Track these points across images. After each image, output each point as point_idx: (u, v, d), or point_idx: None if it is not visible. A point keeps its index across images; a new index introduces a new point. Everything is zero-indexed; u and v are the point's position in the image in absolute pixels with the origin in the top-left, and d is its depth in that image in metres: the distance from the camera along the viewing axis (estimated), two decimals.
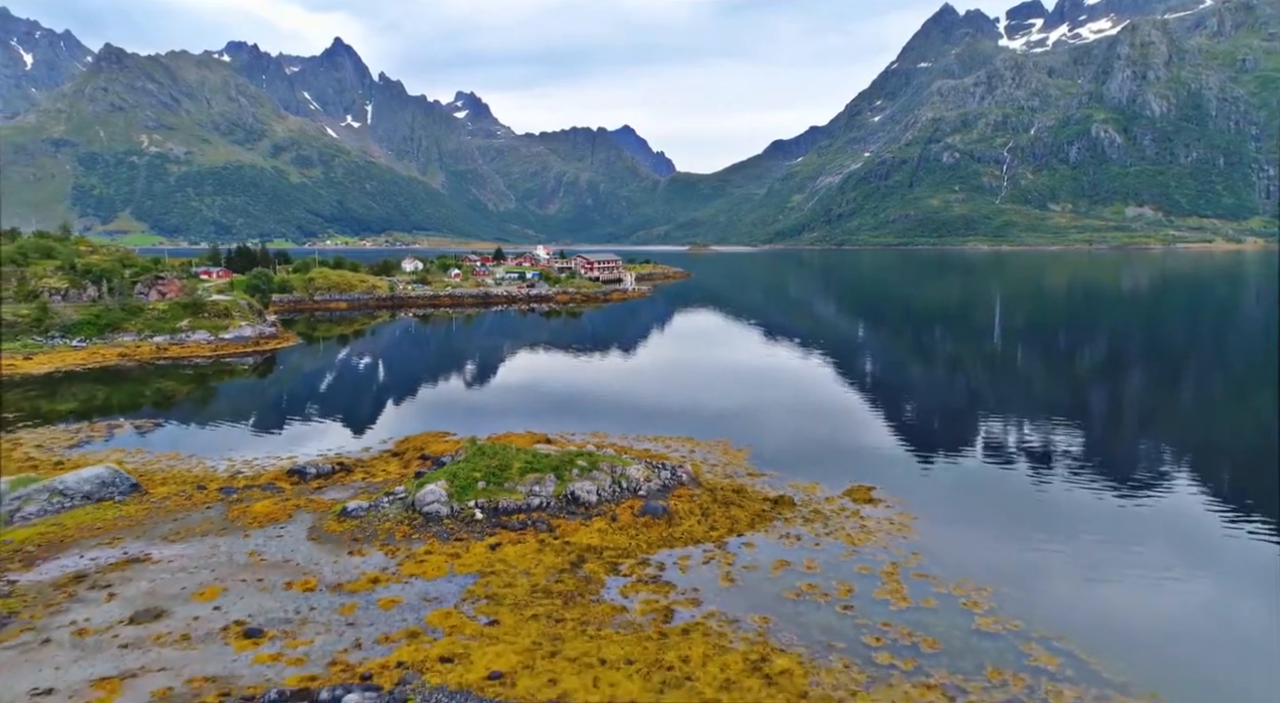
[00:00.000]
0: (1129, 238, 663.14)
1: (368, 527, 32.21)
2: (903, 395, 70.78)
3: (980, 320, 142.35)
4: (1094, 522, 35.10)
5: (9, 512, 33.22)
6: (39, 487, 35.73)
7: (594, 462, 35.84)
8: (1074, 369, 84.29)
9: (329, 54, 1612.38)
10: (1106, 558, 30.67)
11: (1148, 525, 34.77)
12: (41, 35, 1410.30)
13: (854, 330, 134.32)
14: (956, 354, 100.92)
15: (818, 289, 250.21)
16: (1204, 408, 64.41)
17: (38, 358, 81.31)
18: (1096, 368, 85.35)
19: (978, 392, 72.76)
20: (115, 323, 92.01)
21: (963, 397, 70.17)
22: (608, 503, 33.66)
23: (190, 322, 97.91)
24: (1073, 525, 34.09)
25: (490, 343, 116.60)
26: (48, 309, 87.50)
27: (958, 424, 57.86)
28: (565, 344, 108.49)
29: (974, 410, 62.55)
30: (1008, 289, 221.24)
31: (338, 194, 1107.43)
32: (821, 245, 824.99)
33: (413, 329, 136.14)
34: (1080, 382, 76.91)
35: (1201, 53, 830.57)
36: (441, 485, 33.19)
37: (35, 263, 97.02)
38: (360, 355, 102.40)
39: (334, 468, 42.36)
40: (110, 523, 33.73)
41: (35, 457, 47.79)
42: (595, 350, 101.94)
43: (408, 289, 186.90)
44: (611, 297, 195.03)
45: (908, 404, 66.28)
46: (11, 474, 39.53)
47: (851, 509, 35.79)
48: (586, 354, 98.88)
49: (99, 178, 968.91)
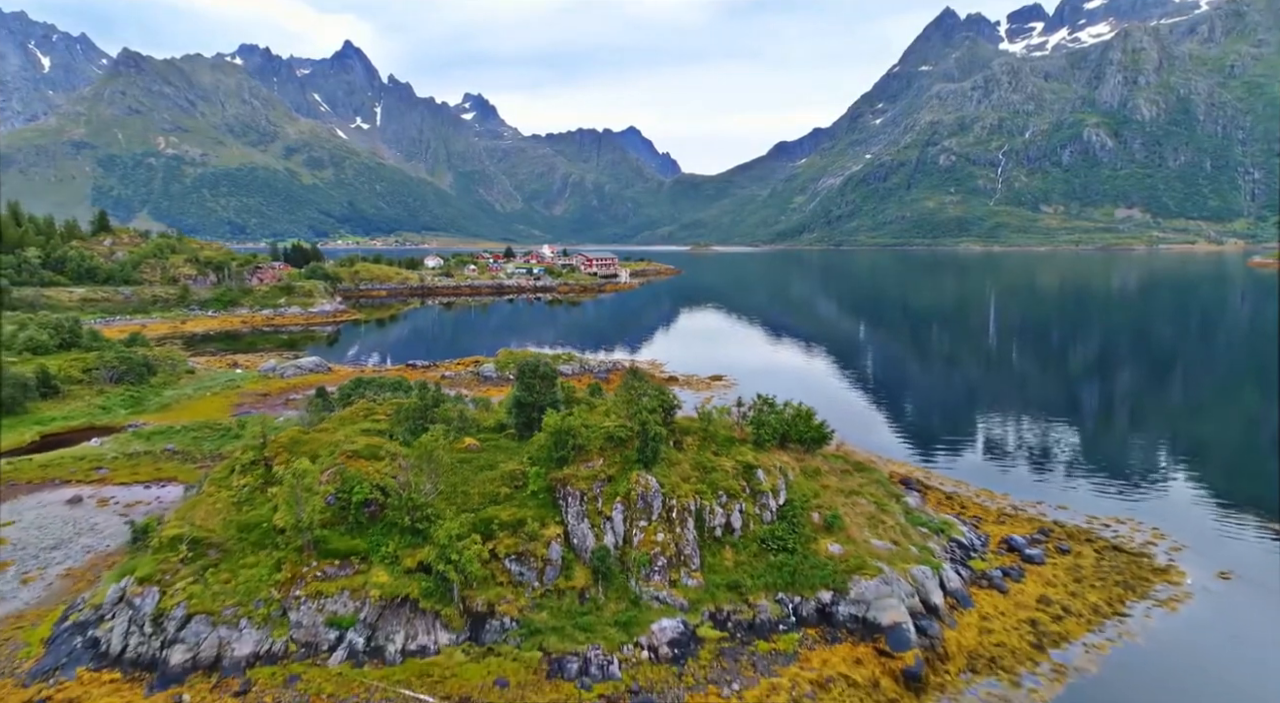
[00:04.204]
0: (1115, 239, 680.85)
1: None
2: (853, 367, 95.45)
3: (977, 319, 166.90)
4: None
5: (279, 373, 58.24)
6: (293, 364, 61.27)
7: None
8: (1057, 361, 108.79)
9: (339, 57, 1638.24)
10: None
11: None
12: (58, 39, 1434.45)
13: (801, 312, 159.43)
14: (933, 350, 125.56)
15: (789, 282, 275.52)
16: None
17: (190, 323, 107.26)
18: (1075, 360, 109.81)
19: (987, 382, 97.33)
20: (234, 300, 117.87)
21: (960, 389, 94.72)
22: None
23: (286, 299, 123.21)
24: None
25: (505, 324, 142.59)
26: (188, 289, 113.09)
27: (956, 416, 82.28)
28: (563, 322, 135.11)
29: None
30: (999, 287, 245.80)
31: (348, 195, 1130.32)
32: (820, 246, 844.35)
33: (442, 314, 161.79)
34: (1066, 371, 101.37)
35: (1191, 58, 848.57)
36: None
37: (170, 256, 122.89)
38: (409, 322, 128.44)
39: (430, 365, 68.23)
40: (320, 378, 58.65)
41: (243, 365, 73.28)
42: (586, 323, 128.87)
43: (434, 280, 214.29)
44: (605, 288, 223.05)
45: (856, 372, 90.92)
46: (252, 366, 64.72)
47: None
48: (580, 326, 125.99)
49: (118, 179, 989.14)
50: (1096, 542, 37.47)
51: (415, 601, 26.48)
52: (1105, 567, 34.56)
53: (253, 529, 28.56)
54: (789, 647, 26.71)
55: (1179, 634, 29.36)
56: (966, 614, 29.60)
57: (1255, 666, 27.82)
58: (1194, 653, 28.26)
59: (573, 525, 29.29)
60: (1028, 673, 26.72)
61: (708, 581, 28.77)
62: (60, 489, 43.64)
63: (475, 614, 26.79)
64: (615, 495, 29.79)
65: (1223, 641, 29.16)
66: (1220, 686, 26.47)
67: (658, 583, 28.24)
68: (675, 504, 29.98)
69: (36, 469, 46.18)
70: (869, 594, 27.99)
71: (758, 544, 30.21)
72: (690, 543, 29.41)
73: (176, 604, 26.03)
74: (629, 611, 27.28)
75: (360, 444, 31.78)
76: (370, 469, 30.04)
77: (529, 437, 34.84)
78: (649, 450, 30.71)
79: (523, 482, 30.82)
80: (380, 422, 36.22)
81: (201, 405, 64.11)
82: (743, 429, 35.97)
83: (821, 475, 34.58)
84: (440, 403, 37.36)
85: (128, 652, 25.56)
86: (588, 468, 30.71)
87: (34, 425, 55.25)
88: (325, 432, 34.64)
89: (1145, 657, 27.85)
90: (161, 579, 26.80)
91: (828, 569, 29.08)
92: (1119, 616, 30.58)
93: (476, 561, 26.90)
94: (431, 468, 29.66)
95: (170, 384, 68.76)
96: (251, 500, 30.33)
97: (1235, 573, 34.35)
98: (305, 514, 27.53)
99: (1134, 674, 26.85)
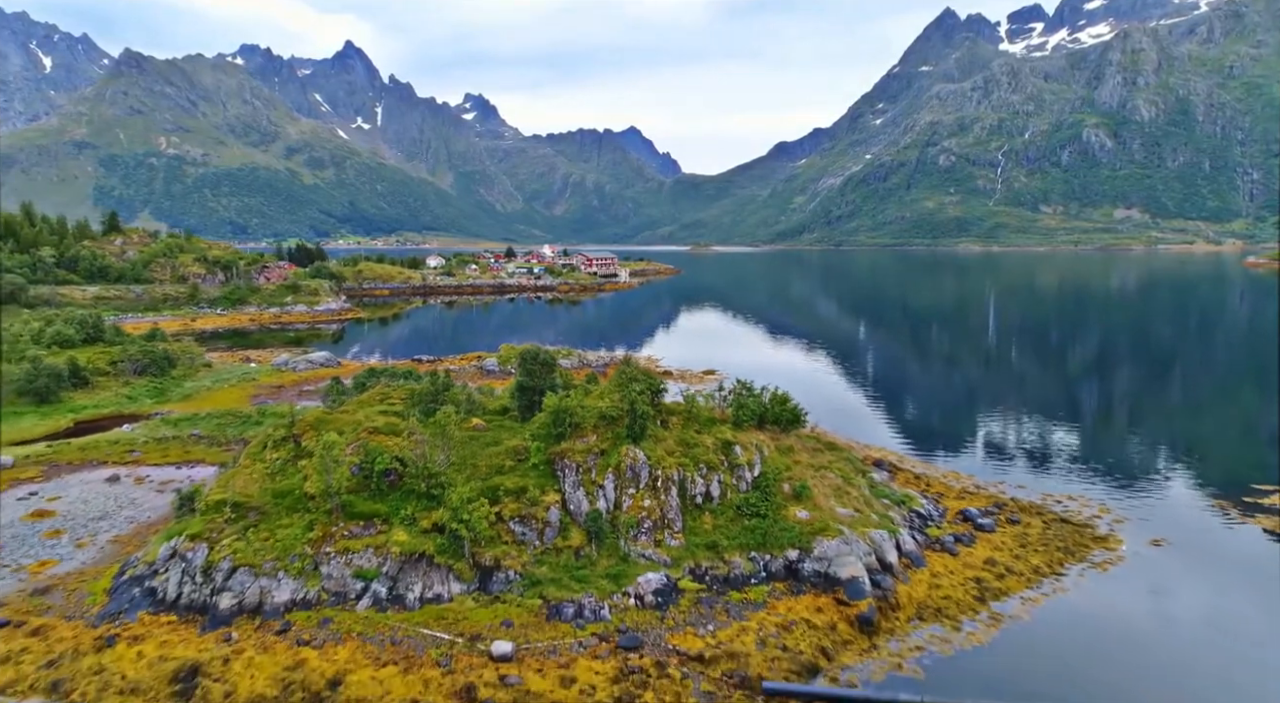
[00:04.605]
0: (1114, 239, 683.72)
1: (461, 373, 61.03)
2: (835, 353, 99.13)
3: (969, 317, 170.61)
4: None
5: (291, 367, 62.00)
6: (304, 358, 65.02)
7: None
8: (1038, 357, 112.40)
9: (340, 57, 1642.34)
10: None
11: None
12: (60, 39, 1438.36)
13: (787, 308, 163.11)
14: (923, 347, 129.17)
15: (786, 282, 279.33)
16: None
17: (200, 321, 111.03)
18: (1055, 357, 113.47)
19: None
20: (242, 298, 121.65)
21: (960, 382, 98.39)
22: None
23: (293, 297, 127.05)
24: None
25: (506, 322, 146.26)
26: (198, 287, 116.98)
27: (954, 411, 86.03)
28: (563, 321, 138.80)
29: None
30: (996, 287, 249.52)
31: (349, 195, 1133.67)
32: (820, 246, 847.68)
33: (444, 312, 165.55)
34: (1045, 366, 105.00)
35: (1190, 59, 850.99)
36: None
37: (179, 255, 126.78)
38: (412, 320, 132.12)
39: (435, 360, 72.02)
40: (330, 372, 62.40)
41: (255, 360, 76.94)
42: (586, 322, 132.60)
43: (436, 280, 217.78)
44: (605, 287, 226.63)
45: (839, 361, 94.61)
46: (265, 361, 68.51)
47: None
48: (580, 324, 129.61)
49: (119, 179, 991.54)
50: (1046, 515, 41.23)
51: (431, 556, 30.24)
52: (1050, 535, 38.31)
53: (286, 495, 32.34)
54: (759, 597, 30.47)
55: (1105, 589, 33.13)
56: (919, 572, 33.35)
57: (1164, 614, 31.72)
58: (1114, 604, 32.03)
59: (569, 493, 33.05)
60: (968, 620, 30.49)
61: (688, 541, 32.55)
62: (99, 469, 47.42)
63: (483, 568, 30.56)
64: (607, 467, 33.56)
65: (1143, 594, 32.95)
66: (1130, 629, 30.27)
67: (644, 543, 32.01)
68: (660, 475, 33.75)
69: (76, 451, 49.99)
70: (830, 553, 31.76)
71: (733, 510, 34.00)
72: (673, 508, 33.19)
73: (223, 558, 29.84)
74: (618, 566, 31.05)
75: (380, 422, 35.60)
76: (390, 443, 33.80)
77: (530, 418, 38.60)
78: (637, 427, 34.49)
79: (525, 455, 34.58)
80: (395, 405, 39.95)
81: (220, 396, 67.88)
82: (723, 411, 39.78)
83: (794, 452, 38.33)
84: (449, 388, 41.15)
85: (182, 599, 29.36)
86: (583, 443, 34.47)
87: (68, 413, 59.14)
88: (346, 413, 38.41)
89: (1072, 607, 31.62)
90: (209, 537, 30.60)
91: (795, 532, 32.84)
92: (1056, 575, 34.33)
93: (485, 522, 30.69)
94: (444, 442, 33.41)
95: (189, 376, 72.57)
96: (284, 471, 34.11)
97: (1167, 541, 38.11)
98: (334, 481, 31.32)
99: (1059, 621, 30.63)
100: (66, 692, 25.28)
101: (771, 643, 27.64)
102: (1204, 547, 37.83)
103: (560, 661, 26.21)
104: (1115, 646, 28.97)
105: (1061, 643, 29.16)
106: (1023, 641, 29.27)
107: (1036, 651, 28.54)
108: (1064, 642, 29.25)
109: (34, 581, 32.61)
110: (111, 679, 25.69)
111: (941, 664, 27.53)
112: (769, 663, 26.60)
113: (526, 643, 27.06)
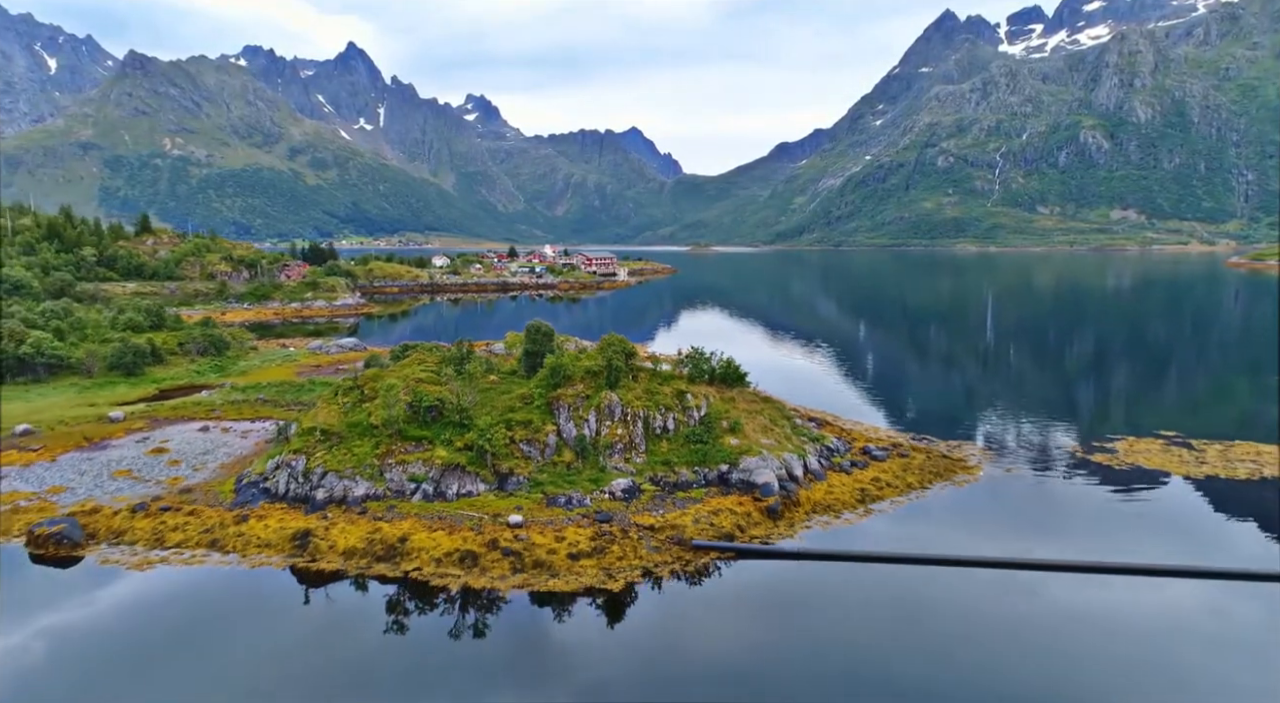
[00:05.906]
0: (1109, 240, 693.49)
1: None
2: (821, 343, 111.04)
3: (974, 317, 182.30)
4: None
5: (325, 351, 74.22)
6: (335, 343, 77.14)
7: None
8: (1046, 356, 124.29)
9: (343, 58, 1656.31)
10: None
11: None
12: (65, 40, 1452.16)
13: (774, 304, 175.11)
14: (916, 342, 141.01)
15: (783, 281, 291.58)
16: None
17: (228, 314, 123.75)
18: (1063, 356, 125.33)
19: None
20: (266, 294, 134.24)
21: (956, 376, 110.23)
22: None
23: (313, 294, 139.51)
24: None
25: (509, 318, 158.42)
26: (226, 284, 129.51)
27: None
28: (563, 317, 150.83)
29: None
30: (990, 286, 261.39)
31: (352, 196, 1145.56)
32: (820, 247, 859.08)
33: (450, 309, 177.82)
34: (1060, 367, 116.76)
35: (1187, 61, 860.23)
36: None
37: (206, 254, 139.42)
38: (421, 316, 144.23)
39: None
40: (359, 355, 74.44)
41: (291, 346, 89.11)
42: (586, 318, 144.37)
43: (443, 278, 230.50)
44: (604, 286, 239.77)
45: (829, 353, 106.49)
46: (299, 347, 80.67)
47: None
48: (580, 322, 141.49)
49: (124, 180, 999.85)
50: (933, 453, 53.29)
51: (464, 466, 42.39)
52: (929, 464, 50.41)
53: (357, 425, 44.52)
54: (698, 496, 42.61)
55: (954, 497, 45.30)
56: (819, 484, 45.48)
57: (989, 507, 43.88)
58: (956, 502, 44.22)
59: (563, 424, 45.22)
60: (848, 512, 42.62)
61: (649, 459, 44.71)
62: (191, 423, 59.61)
63: (501, 474, 42.73)
64: (591, 406, 45.72)
65: (983, 500, 45.09)
66: (965, 515, 42.37)
67: (617, 459, 44.17)
68: (630, 412, 45.92)
69: (169, 410, 62.27)
70: (751, 466, 43.88)
71: (683, 439, 46.13)
72: (639, 436, 45.34)
73: (317, 465, 42.04)
74: (598, 474, 43.20)
75: (424, 375, 47.80)
76: (432, 389, 45.92)
77: (533, 375, 50.70)
78: (614, 378, 46.65)
79: (530, 399, 46.76)
80: (430, 366, 52.02)
81: (270, 372, 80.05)
82: (681, 371, 51.94)
83: (735, 402, 50.43)
84: (472, 353, 53.32)
85: (289, 493, 41.55)
86: (573, 390, 46.64)
87: (151, 384, 71.43)
88: (394, 372, 50.56)
89: (924, 506, 43.79)
90: (306, 451, 42.81)
91: (727, 453, 44.96)
92: (923, 489, 46.44)
93: (502, 443, 42.89)
94: (471, 388, 45.60)
95: (241, 357, 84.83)
96: (354, 410, 46.25)
97: (1017, 469, 50.21)
98: (393, 414, 43.49)
99: (914, 514, 42.73)
100: (222, 547, 37.51)
101: (703, 521, 39.77)
102: (1042, 472, 49.90)
103: (555, 528, 38.39)
104: (952, 523, 41.17)
105: (913, 524, 41.26)
106: (882, 523, 41.36)
107: (892, 531, 40.61)
108: (915, 523, 41.35)
109: (174, 488, 44.82)
110: (250, 539, 37.94)
111: (821, 536, 39.63)
112: (699, 532, 38.72)
113: (532, 518, 39.23)
